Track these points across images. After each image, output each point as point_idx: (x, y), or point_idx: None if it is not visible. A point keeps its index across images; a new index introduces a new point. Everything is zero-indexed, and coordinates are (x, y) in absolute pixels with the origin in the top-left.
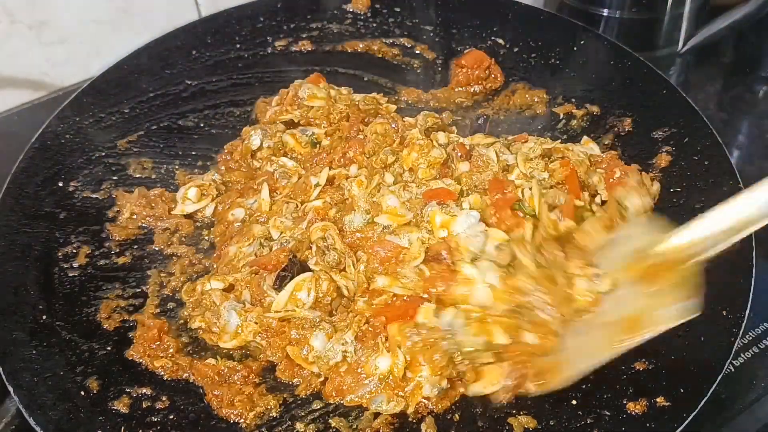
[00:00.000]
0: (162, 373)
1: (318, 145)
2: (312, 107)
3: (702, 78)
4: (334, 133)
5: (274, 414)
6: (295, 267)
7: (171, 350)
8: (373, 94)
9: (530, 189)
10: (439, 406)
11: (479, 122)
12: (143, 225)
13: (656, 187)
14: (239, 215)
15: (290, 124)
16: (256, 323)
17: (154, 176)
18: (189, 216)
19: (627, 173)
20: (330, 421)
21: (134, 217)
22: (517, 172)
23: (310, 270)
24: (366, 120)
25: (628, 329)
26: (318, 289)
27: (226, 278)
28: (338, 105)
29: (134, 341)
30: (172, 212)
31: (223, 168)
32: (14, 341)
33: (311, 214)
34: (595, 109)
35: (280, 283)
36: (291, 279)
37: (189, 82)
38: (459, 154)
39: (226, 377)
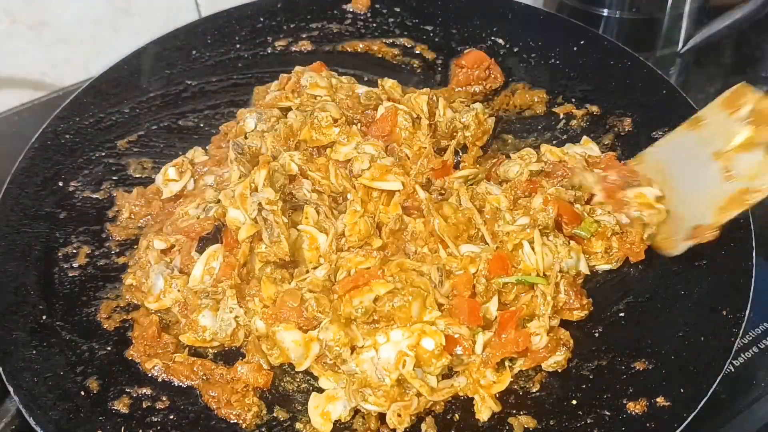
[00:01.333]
0: (155, 374)
1: None
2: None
3: (702, 78)
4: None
5: (274, 414)
6: (219, 234)
7: (170, 348)
8: (376, 89)
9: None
10: (439, 407)
11: None
12: (143, 225)
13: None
14: (209, 181)
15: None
16: (178, 291)
17: (154, 176)
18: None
19: (622, 173)
20: None
21: (132, 217)
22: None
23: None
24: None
25: None
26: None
27: (168, 239)
28: (338, 94)
29: (134, 341)
30: (161, 198)
31: (211, 146)
32: (14, 341)
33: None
34: (595, 109)
35: (202, 248)
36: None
37: (189, 82)
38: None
39: (214, 377)
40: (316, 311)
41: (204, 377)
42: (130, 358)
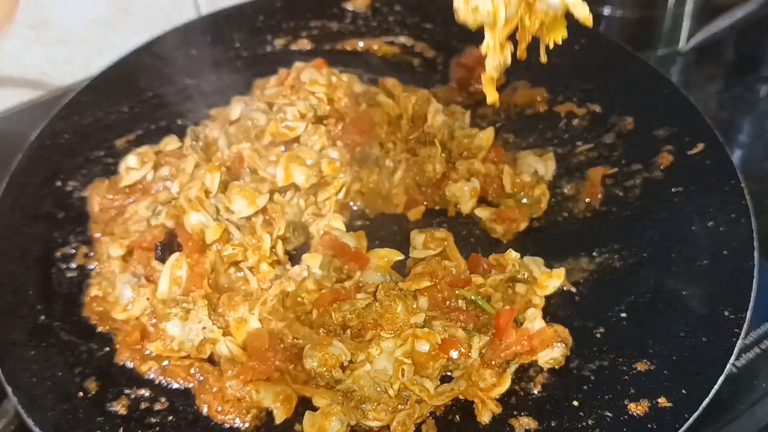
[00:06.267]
0: (153, 375)
1: None
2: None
3: (703, 77)
4: None
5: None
6: (175, 241)
7: (153, 354)
8: (374, 87)
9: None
10: (439, 408)
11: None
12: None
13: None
14: (164, 173)
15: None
16: (147, 299)
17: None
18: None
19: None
20: None
21: (102, 210)
22: None
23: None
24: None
25: None
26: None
27: (122, 243)
28: (337, 92)
29: (117, 347)
30: (120, 185)
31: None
32: (13, 342)
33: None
34: (596, 108)
35: (161, 255)
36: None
37: (189, 82)
38: None
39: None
40: (292, 340)
41: (200, 379)
42: (120, 363)
